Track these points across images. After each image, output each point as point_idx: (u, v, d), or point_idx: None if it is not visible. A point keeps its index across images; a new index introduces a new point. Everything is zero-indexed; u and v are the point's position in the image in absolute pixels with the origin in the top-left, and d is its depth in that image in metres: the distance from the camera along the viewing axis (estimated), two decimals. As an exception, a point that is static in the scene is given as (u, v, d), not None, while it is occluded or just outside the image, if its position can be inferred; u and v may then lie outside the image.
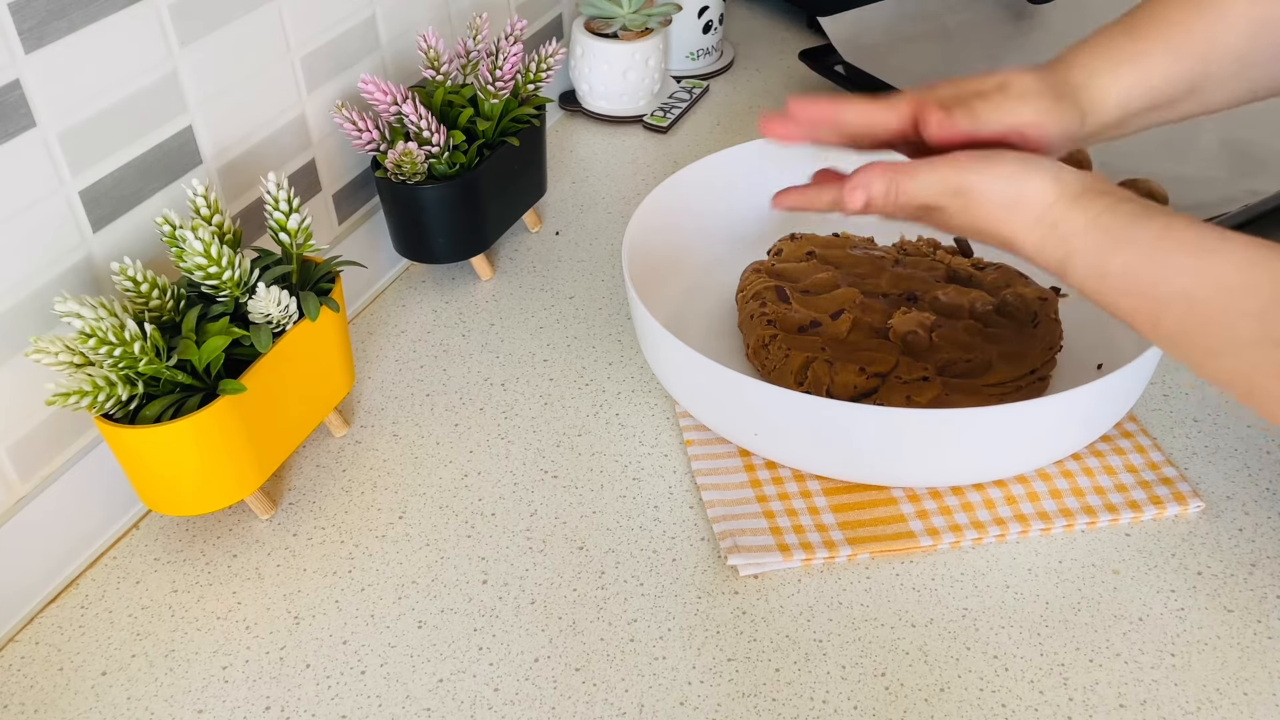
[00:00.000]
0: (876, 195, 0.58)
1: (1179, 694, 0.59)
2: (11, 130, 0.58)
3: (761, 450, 0.71)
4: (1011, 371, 0.73)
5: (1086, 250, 0.54)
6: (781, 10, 1.33)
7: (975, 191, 0.56)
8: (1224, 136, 0.99)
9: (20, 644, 0.64)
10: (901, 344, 0.74)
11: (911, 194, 0.58)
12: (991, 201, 0.56)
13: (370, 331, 0.87)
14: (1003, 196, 0.56)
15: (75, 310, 0.58)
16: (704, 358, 0.66)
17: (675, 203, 0.84)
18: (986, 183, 0.56)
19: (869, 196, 0.58)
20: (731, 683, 0.61)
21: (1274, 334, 0.48)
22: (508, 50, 0.84)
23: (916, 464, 0.67)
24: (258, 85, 0.75)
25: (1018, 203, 0.55)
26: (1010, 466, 0.69)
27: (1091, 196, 0.55)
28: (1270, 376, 0.49)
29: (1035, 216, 0.55)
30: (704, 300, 0.85)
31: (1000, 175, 0.56)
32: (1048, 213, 0.55)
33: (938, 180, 0.57)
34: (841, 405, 0.64)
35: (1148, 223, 0.53)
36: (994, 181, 0.56)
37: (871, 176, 0.58)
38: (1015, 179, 0.56)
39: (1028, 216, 0.55)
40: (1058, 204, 0.55)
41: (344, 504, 0.72)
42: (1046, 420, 0.66)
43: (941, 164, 0.57)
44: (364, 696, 0.61)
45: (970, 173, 0.56)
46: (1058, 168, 0.56)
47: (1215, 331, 0.51)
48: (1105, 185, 0.56)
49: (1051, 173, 0.56)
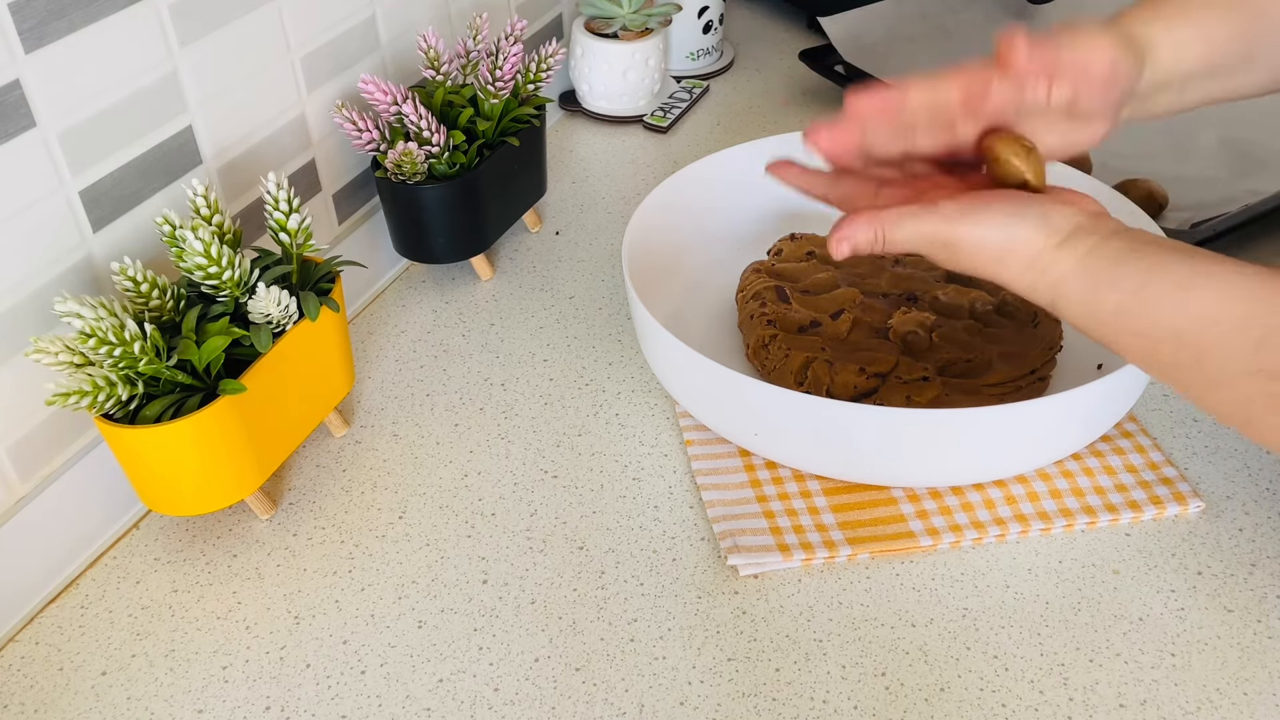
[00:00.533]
0: (862, 245, 0.57)
1: (1179, 694, 0.59)
2: (11, 130, 0.58)
3: (761, 450, 0.71)
4: (1011, 371, 0.73)
5: (1074, 293, 0.54)
6: (781, 10, 1.33)
7: (963, 244, 0.55)
8: (1224, 136, 0.99)
9: (20, 644, 0.64)
10: (901, 344, 0.74)
11: (898, 244, 0.57)
12: (980, 254, 0.56)
13: (370, 331, 0.87)
14: (991, 248, 0.55)
15: (75, 310, 0.58)
16: (704, 358, 0.66)
17: (675, 203, 0.84)
18: (975, 235, 0.55)
19: (854, 247, 0.58)
20: (731, 683, 0.61)
21: (1268, 366, 0.48)
22: (508, 50, 0.84)
23: (916, 464, 0.67)
24: (258, 85, 0.75)
25: (1007, 254, 0.55)
26: (1010, 466, 0.69)
27: (1079, 236, 0.54)
28: (1267, 409, 0.49)
29: (1025, 265, 0.55)
30: (704, 300, 0.85)
31: (989, 227, 0.55)
32: (1037, 260, 0.54)
33: (925, 233, 0.56)
34: (841, 405, 0.64)
35: (1136, 262, 0.52)
36: (982, 234, 0.55)
37: (856, 227, 0.57)
38: (1004, 229, 0.55)
39: (1018, 265, 0.55)
40: (1045, 250, 0.54)
41: (344, 504, 0.72)
42: (1046, 420, 0.66)
43: (928, 215, 0.56)
44: (364, 696, 0.61)
45: (958, 225, 0.55)
46: (1046, 211, 0.55)
47: (1209, 366, 0.50)
48: (1095, 223, 0.55)
49: (1040, 218, 0.55)
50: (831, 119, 0.59)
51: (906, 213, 0.57)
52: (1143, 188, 0.91)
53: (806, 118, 1.12)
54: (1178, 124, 0.98)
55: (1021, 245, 0.55)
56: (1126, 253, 0.53)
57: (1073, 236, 0.54)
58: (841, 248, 0.58)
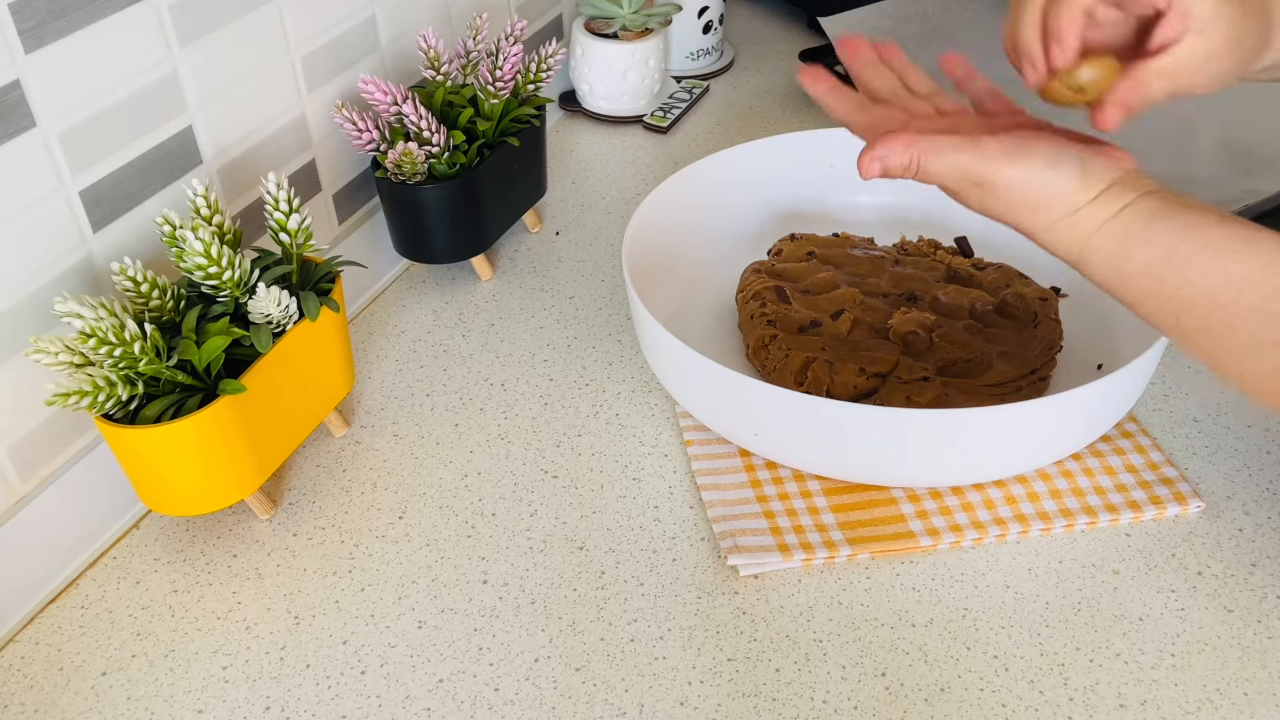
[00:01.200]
0: (895, 168, 0.55)
1: (1179, 694, 0.59)
2: (11, 130, 0.58)
3: (762, 450, 0.71)
4: (1011, 371, 0.73)
5: (1104, 249, 0.53)
6: (781, 10, 1.33)
7: (999, 187, 0.54)
8: (1224, 136, 0.99)
9: (20, 644, 0.64)
10: (902, 344, 0.74)
11: (931, 175, 0.55)
12: (1014, 198, 0.54)
13: (370, 331, 0.87)
14: (1027, 193, 0.54)
15: (75, 310, 0.58)
16: (704, 358, 0.66)
17: (675, 202, 0.84)
18: (1014, 177, 0.54)
19: (885, 168, 0.55)
20: (731, 683, 0.61)
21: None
22: (508, 50, 0.84)
23: (917, 464, 0.67)
24: (258, 85, 0.75)
25: (1041, 201, 0.54)
26: (1010, 466, 0.69)
27: (1116, 192, 0.53)
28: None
29: (1057, 214, 0.54)
30: (704, 300, 0.85)
31: (1030, 170, 0.53)
32: (1071, 211, 0.53)
33: (962, 168, 0.54)
34: (841, 405, 0.64)
35: (1171, 220, 0.51)
36: (1019, 177, 0.54)
37: (893, 148, 0.55)
38: (1041, 177, 0.53)
39: (1049, 216, 0.54)
40: (1081, 202, 0.53)
41: (344, 504, 0.72)
42: (1047, 420, 0.66)
43: (969, 149, 0.54)
44: (364, 696, 0.61)
45: (999, 165, 0.54)
46: (1085, 160, 0.54)
47: (1240, 334, 0.49)
48: (1132, 180, 0.54)
49: (1079, 170, 0.53)
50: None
51: (947, 143, 0.55)
52: None
53: (807, 118, 1.12)
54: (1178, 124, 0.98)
55: (1057, 194, 0.53)
56: (1161, 212, 0.52)
57: (1108, 192, 0.53)
58: (873, 167, 0.56)
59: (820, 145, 0.89)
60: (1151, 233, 0.52)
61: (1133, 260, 0.52)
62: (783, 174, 0.90)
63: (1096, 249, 0.53)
